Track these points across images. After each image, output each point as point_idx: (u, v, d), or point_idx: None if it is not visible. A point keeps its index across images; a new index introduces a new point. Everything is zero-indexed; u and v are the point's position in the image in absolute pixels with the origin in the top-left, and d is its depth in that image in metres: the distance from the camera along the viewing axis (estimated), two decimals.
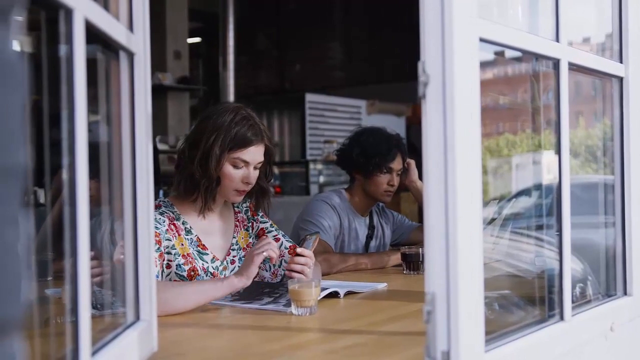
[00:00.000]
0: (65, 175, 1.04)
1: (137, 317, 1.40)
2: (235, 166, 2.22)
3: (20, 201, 0.61)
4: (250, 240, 2.42)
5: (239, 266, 2.32)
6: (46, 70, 1.08)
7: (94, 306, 1.28)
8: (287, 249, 2.39)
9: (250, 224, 2.45)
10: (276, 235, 2.44)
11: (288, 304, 1.94)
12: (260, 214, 2.47)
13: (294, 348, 1.61)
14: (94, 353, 1.10)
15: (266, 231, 2.44)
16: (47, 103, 1.07)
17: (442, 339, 1.19)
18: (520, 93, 2.12)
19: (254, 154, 2.24)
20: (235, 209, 2.44)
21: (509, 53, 1.57)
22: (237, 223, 2.41)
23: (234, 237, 2.38)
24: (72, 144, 1.02)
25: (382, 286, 2.41)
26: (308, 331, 1.78)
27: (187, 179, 2.23)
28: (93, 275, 1.53)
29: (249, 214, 2.45)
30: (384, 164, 3.02)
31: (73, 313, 1.04)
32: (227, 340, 1.72)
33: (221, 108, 2.26)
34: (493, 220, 2.27)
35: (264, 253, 2.02)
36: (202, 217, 2.29)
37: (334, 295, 2.16)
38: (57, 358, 1.12)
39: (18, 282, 0.61)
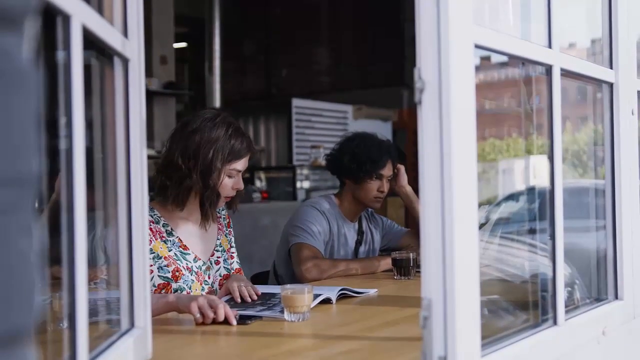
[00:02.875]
0: (62, 181, 1.03)
1: (132, 324, 1.39)
2: (230, 176, 2.32)
3: (33, 210, 0.61)
4: (229, 245, 2.51)
5: (223, 267, 2.42)
6: (42, 76, 1.07)
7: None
8: (233, 270, 2.47)
9: (228, 231, 2.54)
10: (233, 252, 2.53)
11: (283, 311, 1.94)
12: (231, 227, 2.57)
13: (289, 354, 1.61)
14: None
15: (229, 244, 2.54)
16: (42, 109, 1.06)
17: (439, 344, 1.19)
18: (507, 98, 2.13)
19: (245, 162, 2.35)
20: (217, 213, 2.50)
21: (495, 58, 1.57)
22: (220, 226, 2.49)
23: (218, 239, 2.46)
24: (70, 149, 1.02)
25: (373, 292, 2.41)
26: (302, 337, 1.78)
27: (185, 191, 2.28)
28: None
29: (226, 222, 2.54)
30: (374, 170, 3.02)
31: (69, 320, 1.04)
32: (221, 347, 1.71)
33: (207, 119, 2.31)
34: (482, 225, 2.28)
35: (197, 315, 1.86)
36: (185, 219, 2.35)
37: (326, 301, 2.16)
38: None
39: (32, 291, 0.60)
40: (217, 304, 1.87)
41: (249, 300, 2.16)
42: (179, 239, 2.32)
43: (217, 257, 2.42)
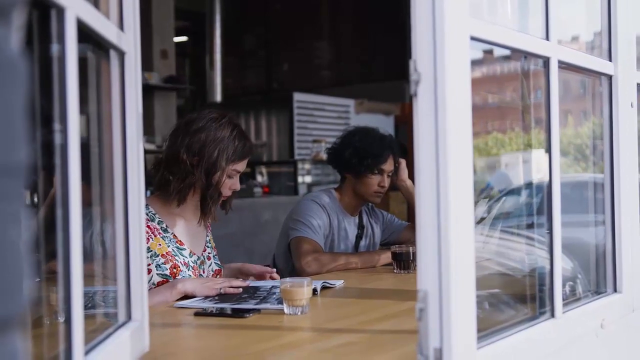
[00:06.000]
0: (56, 175, 1.03)
1: (129, 317, 1.39)
2: (230, 176, 2.35)
3: (22, 199, 0.62)
4: (214, 243, 2.56)
5: (215, 262, 2.48)
6: (36, 69, 1.07)
7: (85, 306, 1.28)
8: (213, 271, 2.48)
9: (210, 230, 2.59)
10: (214, 253, 2.56)
11: (280, 302, 1.94)
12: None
13: (287, 347, 1.61)
14: (86, 353, 1.10)
15: (213, 242, 2.58)
16: (36, 103, 1.07)
17: (435, 336, 1.19)
18: (509, 92, 2.13)
19: (245, 164, 2.40)
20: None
21: (498, 51, 1.57)
22: (208, 225, 2.53)
23: (207, 236, 2.51)
24: (65, 144, 1.02)
25: (339, 283, 2.41)
26: (300, 330, 1.78)
27: (187, 187, 2.31)
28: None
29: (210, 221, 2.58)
30: (375, 165, 3.02)
31: (65, 313, 1.04)
32: (218, 341, 1.71)
33: (213, 119, 2.34)
34: (482, 219, 2.28)
35: (221, 290, 2.16)
36: (179, 216, 2.39)
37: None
38: (50, 358, 1.11)
39: (20, 280, 0.61)
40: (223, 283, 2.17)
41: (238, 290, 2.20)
42: (174, 235, 2.35)
43: (208, 253, 2.48)
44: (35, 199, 1.41)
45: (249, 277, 2.46)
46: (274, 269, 2.52)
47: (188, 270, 2.31)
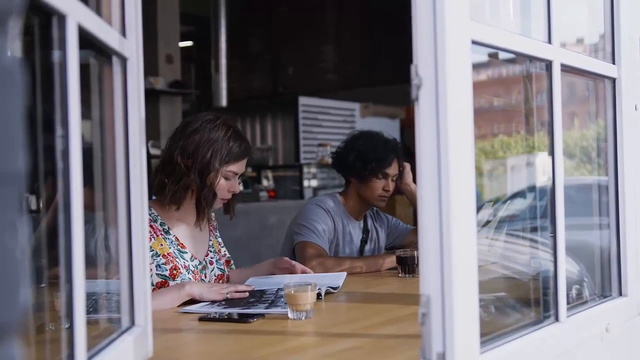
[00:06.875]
0: (59, 181, 1.03)
1: (132, 323, 1.39)
2: (226, 178, 2.35)
3: (19, 206, 0.62)
4: (219, 246, 2.56)
5: (217, 267, 2.48)
6: (39, 76, 1.08)
7: (88, 311, 1.28)
8: (215, 276, 2.48)
9: (217, 234, 2.59)
10: (225, 251, 2.60)
11: (287, 306, 1.94)
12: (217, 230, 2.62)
13: (291, 352, 1.61)
14: (89, 358, 1.10)
15: (219, 245, 2.59)
16: (39, 108, 1.07)
17: (438, 341, 1.19)
18: (515, 94, 2.12)
19: (242, 166, 2.39)
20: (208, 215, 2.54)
21: (503, 55, 1.57)
22: (211, 229, 2.54)
23: (210, 240, 2.51)
24: (66, 149, 1.02)
25: (342, 277, 2.45)
26: (304, 335, 1.78)
27: (182, 189, 2.31)
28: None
29: (216, 224, 2.60)
30: (380, 169, 3.01)
31: (68, 319, 1.04)
32: (222, 346, 1.71)
33: (208, 120, 2.35)
34: (488, 222, 2.27)
35: (227, 295, 2.16)
36: (180, 220, 2.39)
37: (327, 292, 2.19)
38: None
39: (17, 287, 0.61)
40: (229, 288, 2.19)
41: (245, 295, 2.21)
42: (176, 237, 2.36)
43: (211, 258, 2.48)
44: (40, 205, 1.42)
45: (284, 271, 2.52)
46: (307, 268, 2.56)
47: (188, 273, 2.31)
